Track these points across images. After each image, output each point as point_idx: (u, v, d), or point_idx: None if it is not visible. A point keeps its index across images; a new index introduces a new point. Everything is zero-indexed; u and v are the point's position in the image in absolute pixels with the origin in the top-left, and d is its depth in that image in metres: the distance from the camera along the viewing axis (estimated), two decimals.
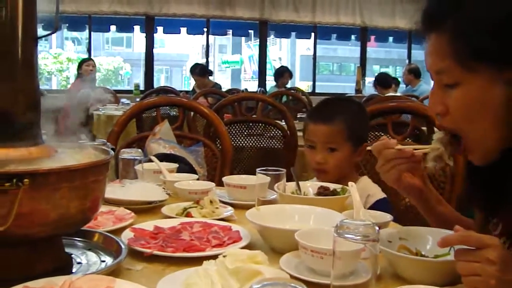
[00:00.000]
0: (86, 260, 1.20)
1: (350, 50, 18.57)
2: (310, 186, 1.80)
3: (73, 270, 1.15)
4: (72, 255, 1.20)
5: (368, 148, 1.49)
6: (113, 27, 10.46)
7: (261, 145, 3.82)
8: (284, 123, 3.75)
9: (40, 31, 1.12)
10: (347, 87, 13.04)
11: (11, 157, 1.04)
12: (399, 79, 8.88)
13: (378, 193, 2.00)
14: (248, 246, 1.31)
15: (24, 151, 1.06)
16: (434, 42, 1.24)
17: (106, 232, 1.34)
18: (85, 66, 8.11)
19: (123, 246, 1.21)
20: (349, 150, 2.07)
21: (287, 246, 1.23)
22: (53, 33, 1.13)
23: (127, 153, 1.98)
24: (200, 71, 8.61)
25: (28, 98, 1.09)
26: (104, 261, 1.20)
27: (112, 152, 1.18)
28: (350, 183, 1.55)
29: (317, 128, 2.11)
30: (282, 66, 9.65)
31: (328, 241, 1.10)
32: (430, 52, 1.25)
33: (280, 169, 1.67)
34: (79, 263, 1.18)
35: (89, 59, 8.51)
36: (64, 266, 1.15)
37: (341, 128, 2.07)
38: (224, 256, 1.06)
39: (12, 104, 1.07)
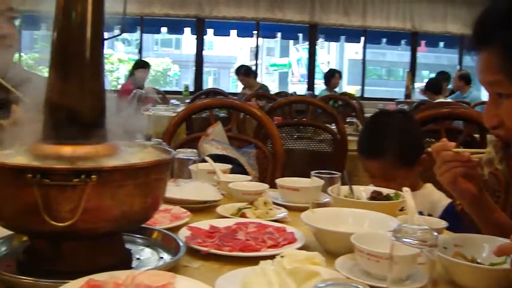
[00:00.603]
0: (145, 256, 1.23)
1: (399, 54, 18.38)
2: (364, 190, 1.80)
3: (133, 266, 1.18)
4: (132, 251, 1.23)
5: (428, 149, 1.49)
6: (164, 29, 10.60)
7: (311, 149, 3.82)
8: (334, 127, 3.75)
9: (106, 33, 1.16)
10: (396, 92, 12.91)
11: (78, 154, 1.07)
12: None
13: (443, 199, 2.00)
14: (303, 248, 1.32)
15: (91, 148, 1.09)
16: (485, 57, 1.24)
17: (162, 229, 1.37)
18: (141, 73, 8.22)
19: (181, 244, 1.24)
20: (408, 169, 2.08)
21: (342, 248, 1.24)
22: (119, 35, 1.17)
23: (182, 153, 2.02)
24: (245, 71, 8.66)
25: (95, 98, 1.12)
26: (162, 257, 1.22)
27: (173, 152, 1.21)
28: (404, 189, 1.55)
29: (370, 164, 2.14)
30: (331, 69, 9.63)
31: (383, 245, 1.11)
32: (481, 67, 1.26)
33: (335, 172, 1.67)
34: (138, 258, 1.21)
35: (146, 65, 8.61)
36: (124, 261, 1.18)
37: (394, 158, 2.08)
38: (281, 257, 1.08)
39: (79, 103, 1.10)
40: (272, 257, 1.11)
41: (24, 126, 1.28)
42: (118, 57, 16.92)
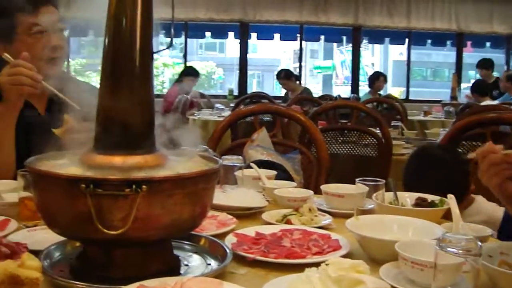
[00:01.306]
0: (193, 262, 1.27)
1: (444, 55, 18.08)
2: (408, 196, 1.80)
3: (181, 272, 1.21)
4: (180, 257, 1.27)
5: (472, 156, 1.47)
6: (208, 33, 10.70)
7: (356, 153, 3.82)
8: (379, 131, 3.74)
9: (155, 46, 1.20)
10: (441, 93, 12.72)
11: (129, 164, 1.11)
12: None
13: (498, 209, 1.98)
14: (347, 255, 1.33)
15: (141, 159, 1.13)
16: None
17: (209, 236, 1.40)
18: (190, 81, 8.32)
19: (228, 251, 1.27)
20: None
21: (386, 256, 1.25)
22: (167, 48, 1.20)
23: (228, 160, 2.05)
24: (286, 75, 8.67)
25: (144, 110, 1.16)
26: (209, 264, 1.26)
27: (220, 161, 1.24)
28: (449, 196, 1.55)
29: None
30: (376, 71, 9.57)
31: (427, 253, 1.11)
32: None
33: (379, 179, 1.68)
34: (186, 265, 1.25)
35: (196, 73, 8.71)
36: (173, 268, 1.21)
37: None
38: (326, 264, 1.10)
39: (130, 115, 1.14)
40: (317, 264, 1.13)
41: (77, 135, 1.33)
42: (163, 62, 17.10)
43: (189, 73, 8.53)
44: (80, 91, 1.53)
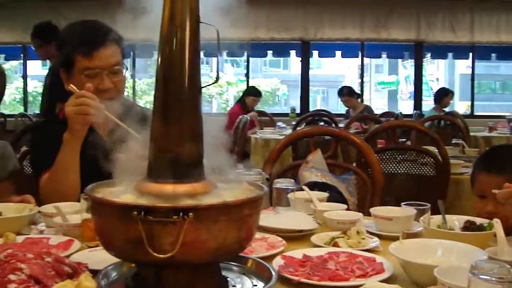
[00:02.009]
0: (241, 284, 1.33)
1: None
2: (456, 219, 1.81)
3: None
4: (228, 279, 1.34)
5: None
6: (269, 52, 10.83)
7: (414, 172, 3.81)
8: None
9: (203, 81, 1.28)
10: (511, 107, 12.40)
11: (178, 192, 1.19)
12: None
13: None
14: (390, 278, 1.38)
15: (189, 187, 1.21)
16: None
17: (258, 257, 1.46)
18: (252, 100, 8.45)
19: (273, 273, 1.33)
20: None
21: (427, 280, 1.28)
22: (214, 83, 1.28)
23: (280, 183, 2.12)
24: (347, 92, 8.66)
25: (193, 140, 1.24)
26: (256, 285, 1.32)
27: (266, 189, 1.30)
28: (495, 220, 1.56)
29: (490, 179, 2.07)
30: (443, 88, 9.41)
31: (466, 278, 1.14)
32: None
33: (425, 203, 1.70)
34: (233, 286, 1.31)
35: (258, 93, 8.84)
36: None
37: None
38: None
39: (179, 145, 1.23)
40: (356, 287, 1.18)
41: (135, 162, 1.43)
42: (226, 80, 17.37)
43: (251, 92, 8.66)
44: (140, 118, 1.63)
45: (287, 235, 1.79)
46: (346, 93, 8.64)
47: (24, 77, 10.86)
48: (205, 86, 1.27)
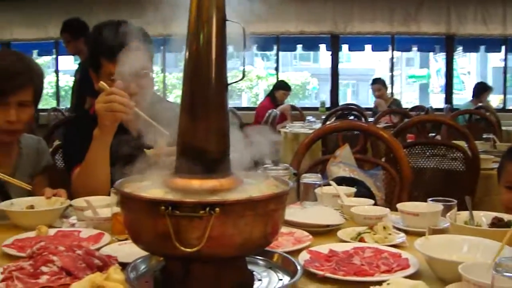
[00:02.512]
0: (266, 278, 1.35)
1: None
2: (484, 216, 1.80)
3: (254, 287, 1.30)
4: (254, 272, 1.36)
5: None
6: (299, 46, 10.81)
7: (443, 167, 3.78)
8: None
9: (230, 78, 1.30)
10: None
11: (205, 187, 1.22)
12: None
13: None
14: (416, 274, 1.38)
15: (216, 182, 1.23)
16: None
17: (285, 252, 1.48)
18: (282, 94, 8.46)
19: (298, 267, 1.34)
20: None
21: (452, 276, 1.28)
22: (240, 80, 1.30)
23: (307, 178, 2.13)
24: (381, 82, 8.60)
25: (219, 136, 1.26)
26: (281, 279, 1.34)
27: (291, 184, 1.32)
28: None
29: None
30: (483, 83, 9.26)
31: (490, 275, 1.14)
32: None
33: (451, 199, 1.70)
34: (259, 280, 1.33)
35: (288, 87, 8.84)
36: (246, 283, 1.30)
37: None
38: (388, 284, 1.15)
39: (206, 141, 1.25)
40: (380, 283, 1.19)
41: (163, 158, 1.46)
42: (256, 74, 17.36)
43: (281, 86, 8.67)
44: (171, 114, 1.65)
45: (314, 230, 1.80)
46: (380, 82, 8.56)
47: (57, 72, 11.04)
48: (232, 83, 1.29)
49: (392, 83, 10.54)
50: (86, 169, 2.20)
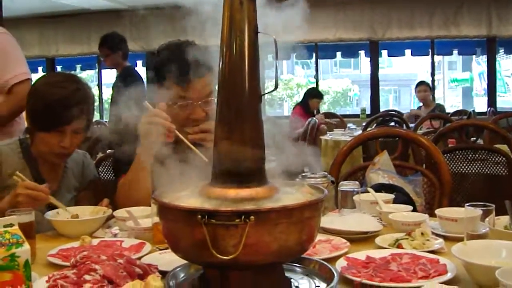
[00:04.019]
0: (303, 284, 1.37)
1: None
2: None
3: None
4: (292, 279, 1.38)
5: None
6: (338, 53, 10.78)
7: (485, 171, 3.72)
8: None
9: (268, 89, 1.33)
10: None
11: (241, 196, 1.25)
12: None
13: None
14: (453, 280, 1.38)
15: (251, 191, 1.26)
16: None
17: (322, 259, 1.49)
18: (315, 103, 8.45)
19: (335, 274, 1.36)
20: None
21: (489, 282, 1.27)
22: (274, 90, 1.32)
23: (345, 186, 2.14)
24: (426, 85, 8.50)
25: (254, 146, 1.29)
26: (318, 286, 1.35)
27: (326, 192, 1.33)
28: None
29: None
30: None
31: None
32: None
33: (489, 204, 1.69)
34: (296, 287, 1.35)
35: (320, 95, 8.82)
36: None
37: None
38: None
39: (241, 151, 1.28)
40: None
41: (204, 167, 1.49)
42: (297, 82, 17.37)
43: (315, 94, 8.65)
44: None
45: (352, 237, 1.81)
46: (425, 85, 8.44)
47: (99, 85, 11.26)
48: (265, 94, 1.32)
49: (433, 87, 10.40)
50: (129, 183, 2.24)
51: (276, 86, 1.33)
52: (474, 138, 4.80)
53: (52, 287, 1.31)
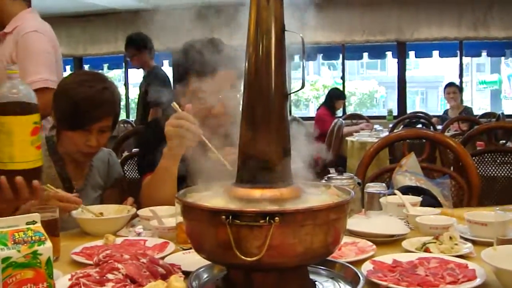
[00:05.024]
0: (328, 287, 1.34)
1: None
2: None
3: None
4: (316, 282, 1.35)
5: None
6: (365, 54, 10.71)
7: None
8: None
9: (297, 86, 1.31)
10: None
11: (265, 196, 1.23)
12: None
13: None
14: (482, 286, 1.34)
15: (276, 192, 1.24)
16: None
17: (347, 262, 1.47)
18: (337, 103, 8.41)
19: (361, 277, 1.33)
20: None
21: None
22: (299, 90, 1.30)
23: (372, 188, 2.11)
24: (456, 87, 8.42)
25: (280, 146, 1.27)
26: None
27: (352, 193, 1.31)
28: None
29: None
30: None
31: None
32: None
33: None
34: None
35: (343, 95, 8.79)
36: None
37: None
38: None
39: (266, 151, 1.26)
40: None
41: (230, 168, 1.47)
42: (323, 83, 17.30)
43: (339, 95, 8.59)
44: None
45: (378, 239, 1.78)
46: (454, 87, 8.35)
47: (126, 85, 11.34)
48: (292, 93, 1.30)
49: (461, 89, 10.27)
50: (154, 182, 2.23)
51: (303, 85, 1.31)
52: (504, 141, 4.72)
53: (75, 285, 1.30)
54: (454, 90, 8.23)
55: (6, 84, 1.76)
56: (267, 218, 1.12)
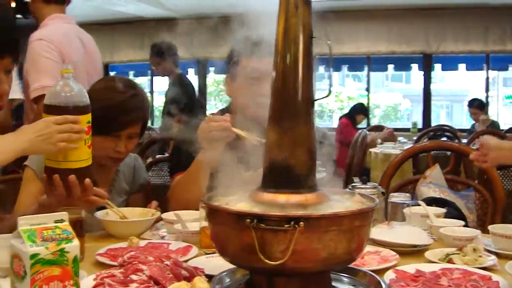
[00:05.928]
0: None
1: None
2: None
3: None
4: None
5: None
6: (390, 66, 10.66)
7: None
8: None
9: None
10: None
11: (290, 202, 1.24)
12: None
13: None
14: None
15: (302, 197, 1.25)
16: None
17: (370, 271, 1.47)
18: (360, 119, 8.41)
19: (383, 286, 1.33)
20: None
21: None
22: (326, 97, 1.31)
23: (396, 197, 2.10)
24: (478, 105, 8.38)
25: (305, 152, 1.28)
26: None
27: (377, 201, 1.31)
28: None
29: None
30: None
31: None
32: None
33: None
34: None
35: (366, 111, 8.78)
36: None
37: None
38: None
39: (292, 156, 1.27)
40: None
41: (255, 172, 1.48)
42: (347, 95, 17.24)
43: (362, 110, 8.59)
44: None
45: (401, 249, 1.77)
46: (477, 105, 8.35)
47: (151, 92, 11.42)
48: (318, 99, 1.31)
49: (487, 104, 10.18)
50: (184, 182, 2.24)
51: (330, 92, 1.31)
52: None
53: (99, 285, 1.32)
54: (474, 111, 8.26)
55: (60, 83, 1.79)
56: (292, 223, 1.13)
